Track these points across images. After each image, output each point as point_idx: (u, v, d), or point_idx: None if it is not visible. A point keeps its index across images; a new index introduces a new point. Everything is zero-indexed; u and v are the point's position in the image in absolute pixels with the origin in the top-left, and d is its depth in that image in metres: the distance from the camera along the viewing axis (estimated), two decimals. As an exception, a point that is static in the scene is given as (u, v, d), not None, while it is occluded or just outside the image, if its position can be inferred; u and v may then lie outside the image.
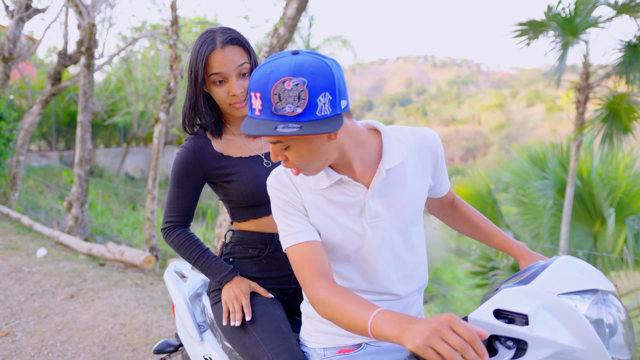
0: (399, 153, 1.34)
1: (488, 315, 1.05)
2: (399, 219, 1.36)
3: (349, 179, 1.30)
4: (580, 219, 8.90)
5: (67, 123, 18.71)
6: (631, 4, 6.58)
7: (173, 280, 2.03)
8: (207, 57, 1.60)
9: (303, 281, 1.26)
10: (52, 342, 3.66)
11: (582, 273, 1.12)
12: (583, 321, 1.04)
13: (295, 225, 1.30)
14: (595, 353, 1.05)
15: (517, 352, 1.05)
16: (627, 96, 6.69)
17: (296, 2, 5.77)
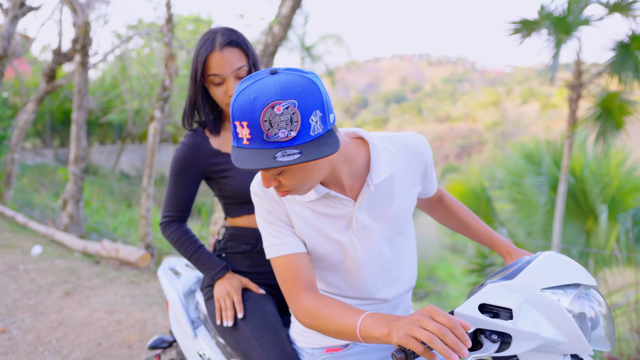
0: (387, 165, 1.32)
1: (473, 310, 1.08)
2: (387, 229, 1.36)
3: (336, 194, 1.28)
4: (573, 215, 8.96)
5: (62, 121, 18.69)
6: (622, 3, 6.64)
7: (167, 277, 2.05)
8: (205, 58, 1.64)
9: (287, 294, 1.26)
10: (47, 339, 3.68)
11: (564, 268, 1.15)
12: (565, 315, 1.07)
13: (279, 237, 1.29)
14: (577, 345, 1.09)
15: (501, 345, 1.09)
16: (620, 94, 6.76)
17: (291, 1, 5.79)
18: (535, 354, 1.14)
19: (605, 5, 6.87)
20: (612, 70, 6.93)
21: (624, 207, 8.49)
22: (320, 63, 28.06)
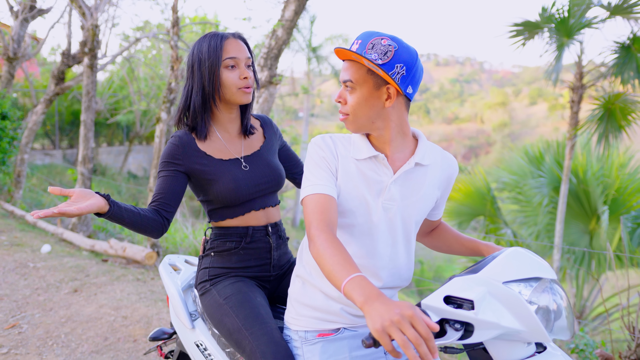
0: (428, 155, 1.54)
1: (438, 301, 1.19)
2: (406, 212, 1.52)
3: (383, 158, 1.48)
4: (576, 216, 9.01)
5: (70, 122, 18.88)
6: (624, 5, 6.70)
7: (167, 273, 2.16)
8: (223, 44, 1.78)
9: (310, 224, 1.37)
10: (56, 333, 3.81)
11: (527, 263, 1.25)
12: (525, 306, 1.17)
13: (320, 179, 1.44)
14: (536, 334, 1.19)
15: (465, 333, 1.19)
16: (622, 96, 6.81)
17: (294, 4, 5.90)
18: (501, 342, 1.24)
19: (607, 8, 6.94)
20: (614, 72, 7.00)
21: (626, 208, 8.54)
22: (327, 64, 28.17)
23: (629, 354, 3.37)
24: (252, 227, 1.86)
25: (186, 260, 2.33)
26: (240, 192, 1.80)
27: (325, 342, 1.52)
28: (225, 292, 1.77)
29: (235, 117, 1.90)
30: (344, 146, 1.51)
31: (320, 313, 1.54)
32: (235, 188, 1.79)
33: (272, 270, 1.91)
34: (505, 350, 1.24)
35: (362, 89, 1.42)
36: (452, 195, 9.81)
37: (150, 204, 1.77)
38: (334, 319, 1.53)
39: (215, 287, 1.81)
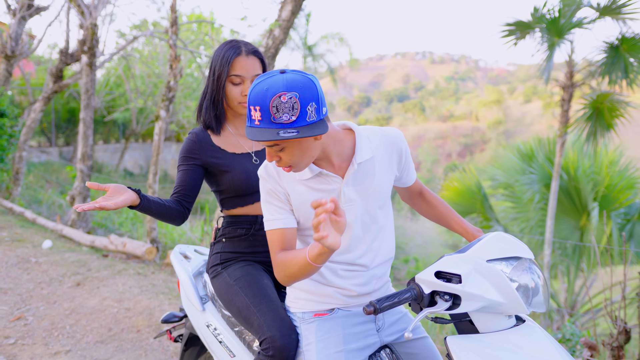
0: (369, 149, 1.62)
1: (430, 276, 1.33)
2: (368, 204, 1.64)
3: (327, 172, 1.57)
4: (567, 212, 9.19)
5: (67, 119, 18.95)
6: (612, 6, 6.86)
7: (178, 260, 2.30)
8: (232, 60, 1.93)
9: (273, 256, 1.56)
10: (61, 325, 3.94)
11: (508, 244, 1.40)
12: (506, 281, 1.32)
13: (273, 214, 1.58)
14: (515, 306, 1.33)
15: (453, 305, 1.33)
16: (610, 95, 6.97)
17: (291, 4, 6.02)
18: (485, 314, 1.39)
19: (596, 9, 7.09)
20: (602, 72, 7.16)
21: (616, 205, 8.72)
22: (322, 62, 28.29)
23: (611, 342, 3.53)
24: (260, 216, 2.01)
25: (195, 250, 2.47)
26: (250, 183, 1.97)
27: (321, 321, 1.66)
28: (236, 274, 1.91)
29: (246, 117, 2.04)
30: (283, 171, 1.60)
31: (315, 296, 1.68)
32: (246, 179, 1.96)
33: None
34: (488, 322, 1.38)
35: (293, 146, 1.45)
36: (445, 194, 9.99)
37: (172, 195, 1.96)
38: (328, 300, 1.67)
39: (226, 270, 1.96)
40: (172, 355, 3.47)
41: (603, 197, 8.77)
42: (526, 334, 1.40)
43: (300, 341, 1.67)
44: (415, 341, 1.74)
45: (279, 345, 1.64)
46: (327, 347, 1.61)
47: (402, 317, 1.77)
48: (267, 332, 1.67)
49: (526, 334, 1.40)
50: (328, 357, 1.59)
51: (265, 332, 1.68)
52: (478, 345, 1.36)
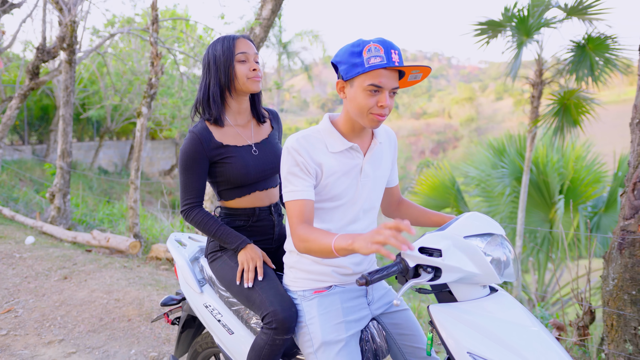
0: (381, 135, 1.89)
1: (415, 251, 1.52)
2: (376, 182, 1.87)
3: (357, 147, 1.78)
4: (536, 205, 9.52)
5: (40, 117, 18.72)
6: (579, 7, 7.16)
7: (175, 247, 2.45)
8: (234, 43, 2.09)
9: (292, 225, 1.70)
10: (52, 316, 4.04)
11: (482, 223, 1.59)
12: (480, 254, 1.51)
13: (298, 185, 1.72)
14: (489, 277, 1.53)
15: (434, 276, 1.52)
16: (577, 92, 7.28)
17: (271, 3, 6.17)
18: (463, 285, 1.58)
19: (564, 9, 7.39)
20: (570, 70, 7.47)
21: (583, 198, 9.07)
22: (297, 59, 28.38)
23: (577, 321, 3.78)
24: (258, 208, 2.16)
25: (190, 237, 2.61)
26: (250, 174, 2.09)
27: (321, 298, 1.84)
28: (235, 257, 2.06)
29: (246, 108, 2.20)
30: (319, 144, 1.76)
31: (314, 275, 1.86)
32: (246, 172, 2.08)
33: (274, 243, 2.22)
34: (466, 291, 1.57)
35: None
36: (419, 189, 10.25)
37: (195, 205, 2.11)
38: (326, 278, 1.85)
39: (226, 253, 2.11)
40: (163, 342, 3.61)
41: (570, 190, 9.12)
42: (499, 301, 1.60)
43: (303, 316, 1.83)
44: (398, 312, 1.94)
45: (281, 318, 1.81)
46: (329, 319, 1.79)
47: (387, 292, 1.98)
48: (270, 307, 1.84)
49: (499, 302, 1.60)
50: (331, 327, 1.77)
51: (267, 308, 1.84)
52: (457, 312, 1.55)
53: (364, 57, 1.62)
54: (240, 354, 2.05)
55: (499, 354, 1.46)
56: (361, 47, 1.63)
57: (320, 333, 1.77)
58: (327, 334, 1.77)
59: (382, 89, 1.65)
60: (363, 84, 1.64)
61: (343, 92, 1.72)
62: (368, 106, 1.66)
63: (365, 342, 1.91)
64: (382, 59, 1.62)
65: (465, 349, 1.49)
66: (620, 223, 3.43)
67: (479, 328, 1.51)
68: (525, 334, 1.52)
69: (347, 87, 1.70)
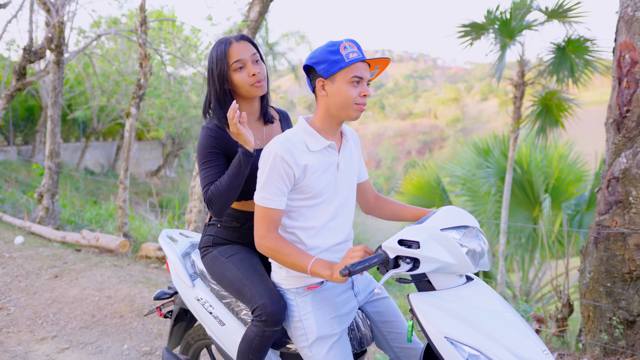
0: (348, 134, 2.01)
1: (394, 243, 1.63)
2: (350, 177, 2.00)
3: (334, 144, 1.90)
4: (521, 204, 9.69)
5: (25, 117, 18.63)
6: (559, 10, 7.34)
7: (167, 243, 2.54)
8: (227, 51, 2.06)
9: (259, 231, 1.83)
10: (44, 313, 4.10)
11: (459, 216, 1.71)
12: (456, 246, 1.63)
13: (273, 195, 1.81)
14: (464, 266, 1.65)
15: (413, 266, 1.63)
16: (558, 93, 7.46)
17: (258, 6, 6.27)
18: (440, 275, 1.69)
19: (545, 12, 7.57)
20: (551, 71, 7.64)
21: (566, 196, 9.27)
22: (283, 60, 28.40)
23: (556, 314, 3.92)
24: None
25: (181, 233, 2.70)
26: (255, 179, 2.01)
27: (314, 293, 1.94)
28: (227, 252, 2.15)
29: (256, 109, 2.20)
30: (300, 144, 1.84)
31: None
32: (253, 176, 2.03)
33: None
34: (443, 280, 1.69)
35: None
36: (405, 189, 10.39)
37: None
38: None
39: (217, 249, 2.19)
40: (155, 337, 3.69)
41: (554, 188, 9.31)
42: (475, 289, 1.72)
43: (297, 312, 1.92)
44: (380, 300, 2.07)
45: (270, 311, 1.91)
46: (324, 314, 1.89)
47: (369, 283, 2.11)
48: (259, 301, 1.93)
49: (475, 290, 1.72)
50: (326, 322, 1.88)
51: (257, 301, 1.94)
52: (435, 300, 1.67)
53: (342, 53, 1.79)
54: (231, 344, 2.15)
55: (474, 338, 1.58)
56: (337, 46, 1.81)
57: (316, 328, 1.87)
58: (323, 329, 1.87)
59: (363, 80, 1.82)
60: (346, 77, 1.80)
61: (324, 89, 1.83)
62: (352, 97, 1.81)
63: (351, 331, 2.02)
64: (358, 54, 1.82)
65: (443, 334, 1.60)
66: (596, 218, 3.58)
67: (456, 314, 1.63)
68: (499, 320, 1.64)
69: (328, 84, 1.82)
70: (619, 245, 3.37)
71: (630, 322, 3.33)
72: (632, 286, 3.33)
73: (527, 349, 1.57)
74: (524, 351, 1.56)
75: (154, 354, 3.46)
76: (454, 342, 1.58)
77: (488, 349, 1.55)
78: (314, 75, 1.86)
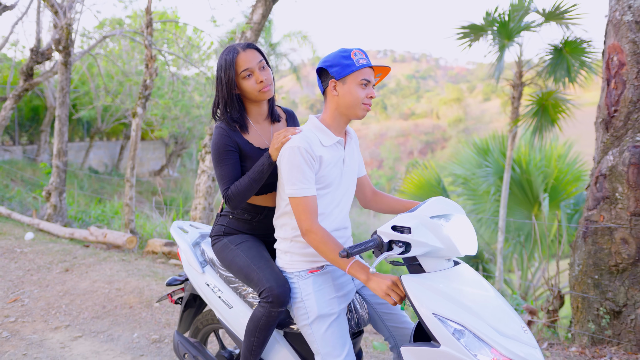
0: (350, 132, 2.23)
1: (388, 229, 1.80)
2: (352, 170, 2.20)
3: (342, 140, 2.11)
4: (520, 203, 9.85)
5: (30, 117, 18.84)
6: (556, 12, 7.50)
7: (178, 233, 2.71)
8: (235, 60, 2.21)
9: (304, 220, 1.98)
10: (57, 304, 4.28)
11: (446, 205, 1.88)
12: (444, 231, 1.80)
13: (305, 183, 1.99)
14: (451, 251, 1.82)
15: (405, 250, 1.80)
16: (554, 93, 7.62)
17: (262, 8, 6.45)
18: (430, 258, 1.86)
19: (542, 14, 7.73)
20: (548, 72, 7.80)
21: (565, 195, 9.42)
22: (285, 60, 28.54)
23: (547, 305, 4.09)
24: (267, 208, 2.33)
25: (191, 224, 2.88)
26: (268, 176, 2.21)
27: (315, 276, 2.11)
28: (236, 240, 2.32)
29: (265, 110, 2.36)
30: (315, 140, 2.04)
31: (308, 257, 2.13)
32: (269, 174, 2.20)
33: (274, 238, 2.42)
34: (432, 264, 1.86)
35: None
36: (406, 188, 10.56)
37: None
38: (319, 259, 2.13)
39: (227, 237, 2.36)
40: (164, 326, 3.87)
41: (553, 188, 9.46)
42: (461, 272, 1.90)
43: (299, 293, 2.10)
44: None
45: (277, 294, 2.08)
46: (324, 295, 2.07)
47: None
48: (266, 284, 2.10)
49: (461, 273, 1.89)
50: (325, 302, 2.05)
51: (264, 284, 2.11)
52: (425, 281, 1.84)
53: (353, 59, 2.03)
54: (239, 325, 2.33)
55: (460, 315, 1.75)
56: (348, 53, 2.05)
57: (316, 307, 2.05)
58: (322, 308, 2.05)
59: (370, 83, 2.06)
60: (357, 79, 2.04)
61: (335, 89, 2.04)
62: (361, 97, 2.05)
63: (349, 312, 2.19)
64: (366, 60, 2.07)
65: (432, 311, 1.77)
66: (585, 214, 3.75)
67: (444, 294, 1.80)
68: (483, 299, 1.81)
69: (339, 85, 2.04)
70: (606, 239, 3.54)
71: (617, 312, 3.49)
72: (619, 278, 3.49)
73: (507, 326, 1.75)
74: (505, 327, 1.74)
75: (163, 341, 3.64)
76: (442, 318, 1.75)
77: (472, 324, 1.72)
78: (327, 77, 2.07)
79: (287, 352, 2.29)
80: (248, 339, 2.20)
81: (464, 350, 1.69)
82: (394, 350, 2.20)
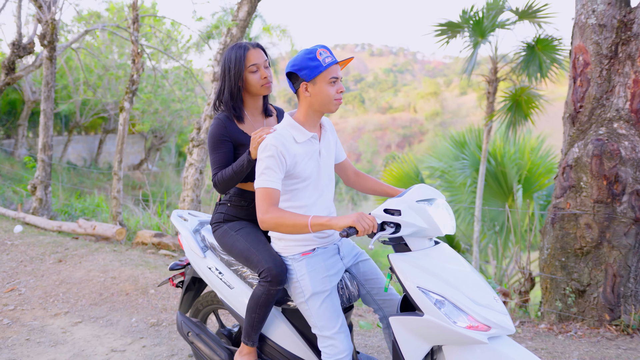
0: (325, 125, 2.42)
1: (380, 211, 2.05)
2: (329, 161, 2.40)
3: (316, 135, 2.29)
4: (495, 195, 10.21)
5: (7, 111, 18.68)
6: (529, 11, 7.82)
7: (179, 221, 2.92)
8: (245, 55, 2.48)
9: (261, 208, 2.15)
10: (54, 293, 4.45)
11: (429, 191, 2.14)
12: (428, 213, 2.05)
13: (272, 177, 2.18)
14: (434, 230, 2.07)
15: (395, 230, 2.05)
16: (527, 89, 7.96)
17: (247, 5, 6.63)
18: (415, 238, 2.11)
19: (516, 13, 8.05)
20: (521, 68, 8.14)
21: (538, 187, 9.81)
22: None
23: (520, 287, 4.39)
24: None
25: (190, 213, 3.09)
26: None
27: (308, 259, 2.34)
28: (236, 227, 2.55)
29: (260, 104, 2.64)
30: (289, 137, 2.20)
31: (300, 242, 2.35)
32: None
33: None
34: (417, 243, 2.11)
35: None
36: (385, 180, 10.85)
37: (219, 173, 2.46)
38: (310, 243, 2.36)
39: (227, 224, 2.58)
40: (160, 311, 4.07)
41: (526, 179, 9.84)
42: (441, 251, 2.16)
43: (295, 274, 2.32)
44: (363, 262, 2.50)
45: (275, 273, 2.31)
46: (317, 275, 2.30)
47: (352, 248, 2.54)
48: (265, 265, 2.33)
49: (441, 251, 2.15)
50: (318, 281, 2.29)
51: (263, 265, 2.34)
52: (410, 259, 2.09)
53: (319, 59, 2.18)
54: (240, 303, 2.56)
55: (440, 288, 2.00)
56: (313, 53, 2.18)
57: (311, 286, 2.28)
58: (316, 286, 2.28)
59: (338, 78, 2.22)
60: (326, 78, 2.19)
61: (307, 91, 2.22)
62: (332, 95, 2.20)
63: (340, 289, 2.43)
64: (332, 57, 2.22)
65: (416, 285, 2.03)
66: (553, 201, 4.05)
67: (426, 270, 2.05)
68: (460, 274, 2.07)
69: (310, 86, 2.21)
70: (572, 225, 3.85)
71: (581, 291, 3.80)
72: (583, 260, 3.80)
73: (482, 296, 2.01)
74: (479, 297, 2.00)
75: (161, 324, 3.85)
76: (425, 290, 2.01)
77: (451, 295, 1.98)
78: (297, 79, 2.24)
79: (285, 327, 2.53)
80: (249, 316, 2.43)
81: (444, 317, 1.95)
82: (383, 320, 2.45)
